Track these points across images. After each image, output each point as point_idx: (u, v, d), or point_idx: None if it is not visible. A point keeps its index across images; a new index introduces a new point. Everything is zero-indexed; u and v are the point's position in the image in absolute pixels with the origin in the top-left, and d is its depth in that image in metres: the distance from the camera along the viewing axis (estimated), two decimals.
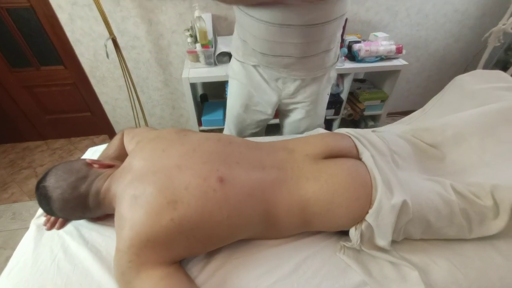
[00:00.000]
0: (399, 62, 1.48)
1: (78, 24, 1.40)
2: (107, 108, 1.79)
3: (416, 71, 1.96)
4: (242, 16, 0.73)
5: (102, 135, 2.05)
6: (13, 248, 1.34)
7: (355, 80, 1.75)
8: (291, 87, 0.84)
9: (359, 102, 1.62)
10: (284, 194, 0.59)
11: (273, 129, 1.24)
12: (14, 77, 1.64)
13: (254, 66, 0.84)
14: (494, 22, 1.64)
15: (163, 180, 0.55)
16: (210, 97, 1.70)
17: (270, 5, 0.63)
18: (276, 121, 1.11)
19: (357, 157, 0.68)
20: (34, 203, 1.55)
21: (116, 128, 1.92)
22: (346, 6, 0.72)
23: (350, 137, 0.71)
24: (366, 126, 1.79)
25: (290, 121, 0.98)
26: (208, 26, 1.39)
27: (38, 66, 1.62)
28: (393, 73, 1.54)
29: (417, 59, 1.89)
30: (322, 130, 0.91)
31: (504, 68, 1.71)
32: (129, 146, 0.77)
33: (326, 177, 0.59)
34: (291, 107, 0.92)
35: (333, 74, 0.90)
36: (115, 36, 1.33)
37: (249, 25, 0.72)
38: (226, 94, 1.50)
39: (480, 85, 0.92)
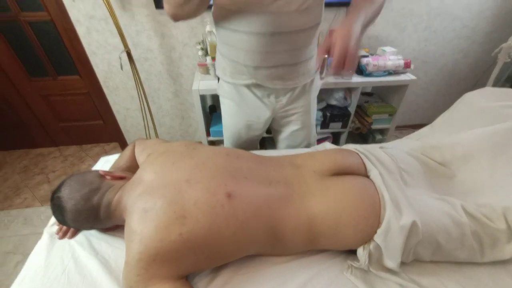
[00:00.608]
0: (407, 76, 1.48)
1: (94, 37, 1.46)
2: (118, 117, 1.84)
3: (425, 85, 1.95)
4: (229, 35, 0.74)
5: (112, 142, 2.09)
6: (24, 253, 1.37)
7: (363, 94, 1.75)
8: (283, 100, 0.86)
9: (367, 115, 1.62)
10: (291, 210, 0.60)
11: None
12: (32, 86, 1.71)
13: (245, 85, 0.84)
14: (504, 38, 1.64)
15: (172, 194, 0.56)
16: (218, 108, 1.73)
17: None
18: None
19: (365, 174, 0.68)
20: (46, 208, 1.59)
21: (127, 136, 1.96)
22: (322, 12, 0.75)
23: (358, 154, 0.71)
24: (374, 140, 1.78)
25: (286, 135, 0.98)
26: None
27: (55, 75, 1.69)
28: (401, 87, 1.54)
29: (426, 74, 1.89)
30: (329, 145, 0.92)
31: None
32: (140, 158, 0.79)
33: (333, 195, 0.60)
34: (285, 120, 0.93)
35: (318, 83, 0.94)
36: (129, 49, 1.38)
37: (239, 41, 0.73)
38: None
39: (489, 103, 0.92)
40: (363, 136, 1.79)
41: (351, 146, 0.78)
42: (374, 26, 1.63)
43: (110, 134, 2.01)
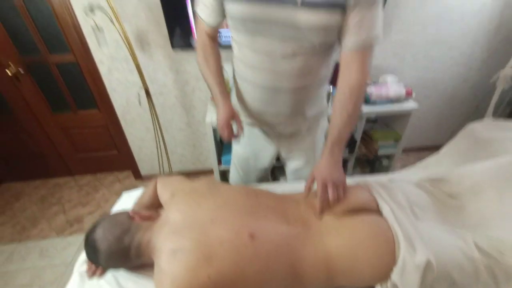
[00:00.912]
0: (409, 104, 1.55)
1: (115, 75, 1.58)
2: (133, 147, 1.92)
3: (427, 109, 2.01)
4: (241, 82, 0.83)
5: (125, 171, 2.16)
6: (40, 286, 1.38)
7: (367, 121, 1.81)
8: (287, 139, 0.92)
9: (373, 141, 1.67)
10: (309, 249, 0.63)
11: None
12: (54, 120, 1.82)
13: (251, 124, 0.92)
14: (500, 64, 1.71)
15: (199, 235, 0.60)
16: None
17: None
18: None
19: (377, 210, 0.71)
20: (61, 239, 1.62)
21: (140, 165, 2.03)
22: (330, 70, 0.81)
23: (369, 190, 0.76)
24: (381, 165, 1.81)
25: (291, 170, 1.03)
26: (229, 75, 1.53)
27: (75, 110, 1.81)
28: (405, 114, 1.60)
29: (427, 98, 1.96)
30: None
31: None
32: (162, 195, 0.83)
33: (349, 234, 0.63)
34: (290, 156, 0.98)
35: (325, 123, 0.98)
36: (147, 86, 1.48)
37: (247, 88, 0.82)
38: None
39: (492, 135, 0.96)
40: (370, 162, 1.83)
41: (362, 181, 0.82)
42: (374, 56, 1.74)
43: (123, 163, 2.08)
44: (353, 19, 0.63)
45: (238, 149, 1.05)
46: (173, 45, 1.46)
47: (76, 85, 1.69)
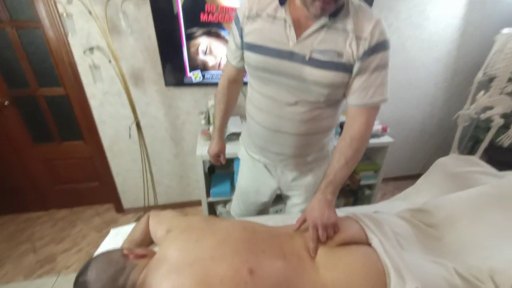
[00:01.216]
0: (386, 139, 1.70)
1: (106, 108, 1.60)
2: (117, 178, 1.87)
3: (401, 143, 2.20)
4: (249, 119, 0.90)
5: (106, 204, 2.07)
6: None
7: None
8: (289, 176, 0.95)
9: (355, 173, 1.77)
10: (306, 282, 0.65)
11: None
12: (35, 151, 1.76)
13: (255, 158, 0.97)
14: (461, 103, 1.95)
15: (199, 273, 0.61)
16: (217, 169, 1.82)
17: None
18: None
19: (367, 242, 0.76)
20: (30, 283, 1.47)
21: (123, 197, 1.96)
22: (335, 121, 0.86)
23: (358, 221, 0.81)
24: (363, 195, 1.90)
25: (290, 205, 1.06)
26: None
27: (59, 141, 1.76)
28: (382, 147, 1.74)
29: (400, 133, 2.15)
30: None
31: (476, 142, 1.96)
32: (157, 232, 0.83)
33: (343, 266, 0.67)
34: (290, 193, 1.02)
35: (326, 168, 1.02)
36: (139, 120, 1.51)
37: (253, 126, 0.88)
38: (232, 167, 1.63)
39: (458, 169, 1.09)
40: (354, 192, 1.92)
41: (350, 212, 0.88)
42: None
43: (105, 195, 2.00)
44: (359, 82, 0.68)
45: (241, 181, 1.09)
46: (166, 83, 1.54)
47: (63, 116, 1.68)
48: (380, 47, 0.65)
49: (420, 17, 1.71)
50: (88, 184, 1.96)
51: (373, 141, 1.67)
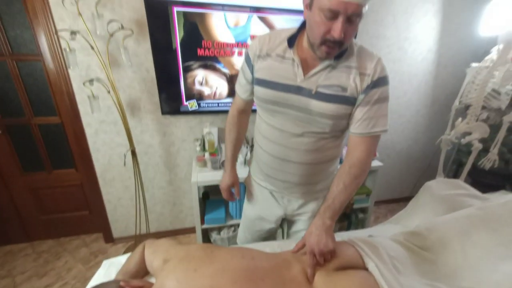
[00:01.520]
0: (375, 163, 1.76)
1: (101, 136, 1.61)
2: (108, 206, 1.83)
3: (390, 167, 2.27)
4: (257, 146, 0.94)
5: (95, 233, 1.99)
6: None
7: None
8: (295, 204, 0.97)
9: None
10: None
11: None
12: (23, 180, 1.71)
13: (263, 186, 0.99)
14: (443, 127, 2.07)
15: None
16: (211, 195, 1.82)
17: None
18: None
19: (363, 266, 0.78)
20: None
21: (113, 226, 1.90)
22: (340, 151, 0.90)
23: (354, 246, 0.83)
24: (357, 218, 1.92)
25: (293, 231, 1.07)
26: (215, 137, 1.65)
27: (50, 169, 1.73)
28: (372, 171, 1.80)
29: (388, 156, 2.23)
30: None
31: (460, 165, 2.05)
32: (153, 262, 0.81)
33: None
34: (295, 218, 1.03)
35: None
36: (134, 148, 1.53)
37: (261, 154, 0.92)
38: None
39: (445, 192, 1.14)
40: (347, 215, 1.93)
41: (346, 237, 0.90)
42: None
43: (94, 224, 1.93)
44: (362, 113, 0.73)
45: (247, 209, 1.09)
46: (162, 111, 1.58)
47: (56, 145, 1.67)
48: (381, 81, 0.72)
49: (399, 53, 1.88)
50: (77, 213, 1.90)
51: None
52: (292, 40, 0.75)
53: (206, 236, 1.75)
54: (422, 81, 2.03)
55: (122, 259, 0.93)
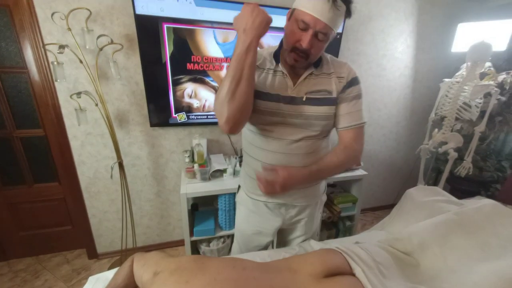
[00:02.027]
0: (360, 172, 1.83)
1: (87, 149, 1.58)
2: (93, 221, 1.77)
3: (374, 176, 2.36)
4: (250, 159, 0.94)
5: (77, 249, 1.91)
6: None
7: (328, 186, 2.03)
8: (292, 212, 1.00)
9: (335, 205, 1.85)
10: None
11: None
12: (1, 195, 1.64)
13: (259, 200, 0.99)
14: (421, 140, 2.20)
15: None
16: (200, 206, 1.81)
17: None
18: None
19: (350, 272, 0.80)
20: None
21: (97, 240, 1.83)
22: (328, 149, 0.96)
23: (341, 253, 0.86)
24: (344, 226, 1.96)
25: (291, 238, 1.09)
26: (204, 148, 1.66)
27: (31, 183, 1.67)
28: (357, 179, 1.86)
29: (372, 166, 2.32)
30: (313, 243, 1.06)
31: (439, 172, 2.16)
32: (143, 275, 0.80)
33: None
34: (292, 226, 1.06)
35: (324, 198, 1.09)
36: (122, 160, 1.51)
37: (257, 166, 0.92)
38: (216, 204, 1.64)
39: (425, 198, 1.21)
40: (335, 223, 1.97)
41: (334, 245, 0.92)
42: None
43: (77, 240, 1.86)
44: (343, 109, 0.85)
45: (241, 225, 1.08)
46: (151, 123, 1.59)
47: (38, 158, 1.62)
48: (354, 81, 0.86)
49: (378, 68, 2.01)
50: (58, 229, 1.82)
51: (348, 174, 1.79)
52: (277, 56, 0.85)
53: (195, 248, 1.73)
54: (401, 95, 2.16)
55: (109, 275, 0.92)
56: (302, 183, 0.83)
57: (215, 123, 1.72)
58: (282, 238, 1.13)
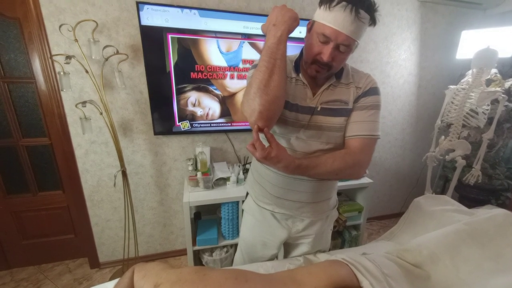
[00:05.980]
0: (365, 180, 1.80)
1: (91, 157, 1.59)
2: (95, 229, 1.76)
3: (380, 184, 2.32)
4: (261, 167, 0.92)
5: (80, 258, 1.89)
6: None
7: None
8: (300, 225, 0.96)
9: (340, 214, 1.81)
10: None
11: None
12: (5, 204, 1.64)
13: (267, 209, 0.96)
14: (427, 147, 2.16)
15: None
16: (203, 215, 1.79)
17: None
18: None
19: (358, 285, 0.77)
20: None
21: (99, 249, 1.81)
22: None
23: (348, 265, 0.83)
24: (350, 236, 1.91)
25: (294, 254, 1.05)
26: (207, 156, 1.66)
27: (35, 192, 1.68)
28: (363, 187, 1.83)
29: (378, 173, 2.28)
30: (318, 253, 1.03)
31: (446, 180, 2.12)
32: (144, 287, 0.79)
33: None
34: (299, 241, 1.02)
35: (334, 213, 1.05)
36: (125, 168, 1.51)
37: (268, 175, 0.90)
38: (219, 212, 1.62)
39: (434, 207, 1.17)
40: (341, 233, 1.93)
41: (339, 256, 0.89)
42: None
43: (79, 249, 1.84)
44: (355, 117, 0.80)
45: (246, 234, 1.05)
46: (155, 132, 1.59)
47: (43, 166, 1.63)
48: (371, 91, 0.81)
49: (382, 75, 2.00)
50: (61, 237, 1.81)
51: (354, 182, 1.76)
52: (297, 66, 0.83)
53: (197, 258, 1.70)
54: (405, 102, 2.14)
55: (109, 286, 0.90)
56: (286, 169, 0.71)
57: (219, 131, 1.72)
58: (287, 254, 1.09)
